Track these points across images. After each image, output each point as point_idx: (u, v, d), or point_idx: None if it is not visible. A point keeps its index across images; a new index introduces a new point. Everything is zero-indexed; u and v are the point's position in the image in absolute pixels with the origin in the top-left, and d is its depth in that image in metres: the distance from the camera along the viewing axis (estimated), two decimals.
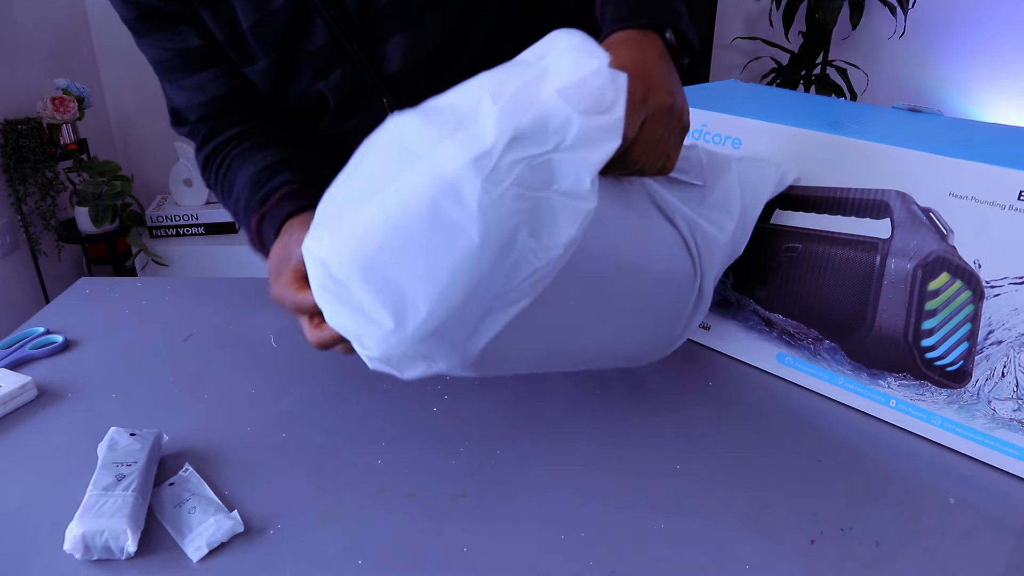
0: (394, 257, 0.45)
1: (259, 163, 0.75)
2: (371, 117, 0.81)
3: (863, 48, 2.62)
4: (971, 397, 0.65)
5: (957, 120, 0.75)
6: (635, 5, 0.57)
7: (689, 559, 0.55)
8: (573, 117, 0.43)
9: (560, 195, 0.44)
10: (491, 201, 0.42)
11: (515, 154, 0.43)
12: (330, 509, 0.60)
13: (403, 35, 0.76)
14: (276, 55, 0.75)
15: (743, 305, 0.80)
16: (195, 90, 0.77)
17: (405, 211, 0.44)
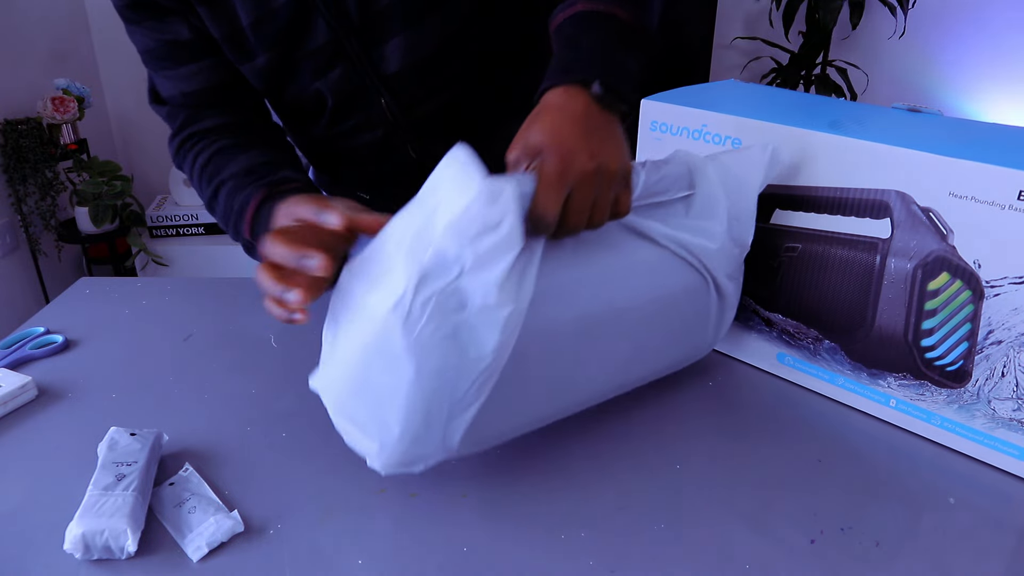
0: (359, 397, 0.54)
1: (256, 157, 0.75)
2: (369, 118, 0.81)
3: (863, 48, 2.62)
4: (971, 397, 0.65)
5: (957, 120, 0.75)
6: (562, 62, 0.58)
7: (689, 559, 0.55)
8: (464, 247, 0.48)
9: (475, 313, 0.50)
10: (414, 340, 0.49)
11: (425, 292, 0.49)
12: (330, 509, 0.60)
13: (402, 36, 0.75)
14: (276, 52, 0.75)
15: (743, 305, 0.79)
16: (179, 80, 0.77)
17: (355, 360, 0.53)
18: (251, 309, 0.91)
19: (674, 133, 0.79)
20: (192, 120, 0.79)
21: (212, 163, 0.76)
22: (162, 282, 1.03)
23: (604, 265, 0.61)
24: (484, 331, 0.50)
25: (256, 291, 0.56)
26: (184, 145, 0.79)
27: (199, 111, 0.79)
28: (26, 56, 2.22)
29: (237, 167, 0.74)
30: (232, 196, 0.73)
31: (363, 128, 0.82)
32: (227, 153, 0.76)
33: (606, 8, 0.61)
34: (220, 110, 0.79)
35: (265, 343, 0.84)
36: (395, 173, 0.88)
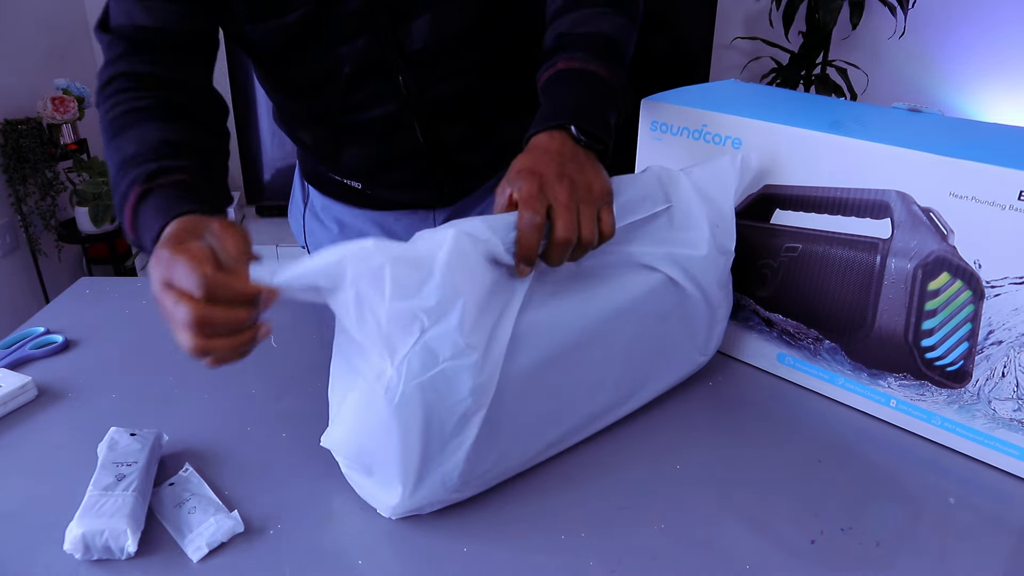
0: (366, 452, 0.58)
1: (164, 133, 0.68)
2: (383, 92, 0.81)
3: (863, 48, 2.62)
4: (971, 397, 0.65)
5: (957, 120, 0.75)
6: (545, 113, 0.65)
7: (689, 559, 0.55)
8: (416, 308, 0.53)
9: (447, 362, 0.54)
10: (396, 404, 0.53)
11: (397, 358, 0.53)
12: (330, 509, 0.60)
13: (430, 15, 0.76)
14: (309, 10, 0.73)
15: (743, 305, 0.79)
16: (140, 10, 0.71)
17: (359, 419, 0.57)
18: None
19: (674, 133, 0.79)
20: (128, 55, 0.72)
21: (123, 118, 0.69)
22: None
23: (593, 294, 0.63)
24: (458, 377, 0.54)
25: None
26: (112, 83, 0.72)
27: (142, 50, 0.72)
28: (26, 56, 2.22)
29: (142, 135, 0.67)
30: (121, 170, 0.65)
31: (375, 102, 0.82)
32: (142, 114, 0.69)
33: (586, 66, 0.68)
34: (161, 56, 0.72)
35: (265, 343, 0.84)
36: (398, 155, 0.88)
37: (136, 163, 0.64)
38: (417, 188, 0.95)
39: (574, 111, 0.64)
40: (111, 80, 0.72)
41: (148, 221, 0.60)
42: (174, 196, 0.61)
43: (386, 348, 0.53)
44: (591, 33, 0.71)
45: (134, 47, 0.72)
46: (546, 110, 0.66)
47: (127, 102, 0.70)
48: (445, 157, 0.89)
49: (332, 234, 1.02)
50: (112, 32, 0.73)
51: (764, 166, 0.73)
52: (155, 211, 0.60)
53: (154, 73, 0.72)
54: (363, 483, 0.60)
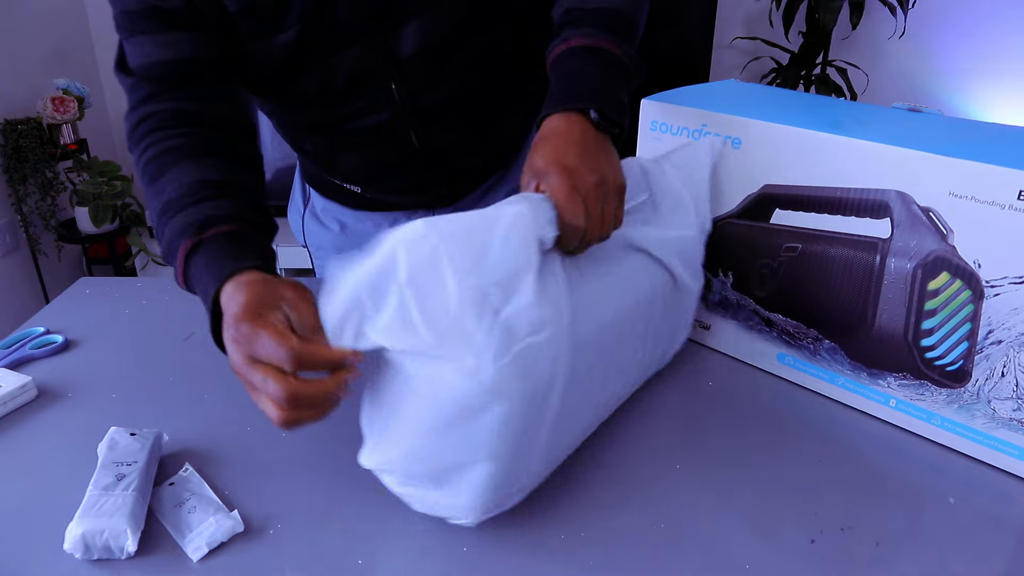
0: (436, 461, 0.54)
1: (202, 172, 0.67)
2: (376, 100, 0.81)
3: (863, 48, 2.62)
4: (971, 397, 0.65)
5: (957, 120, 0.75)
6: (561, 91, 0.65)
7: (689, 559, 0.55)
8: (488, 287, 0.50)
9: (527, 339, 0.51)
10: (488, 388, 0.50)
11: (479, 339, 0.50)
12: (330, 509, 0.60)
13: (420, 20, 0.76)
14: (302, 27, 0.73)
15: (743, 305, 0.80)
16: (156, 47, 0.71)
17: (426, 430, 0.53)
18: None
19: (674, 133, 0.79)
20: (156, 96, 0.71)
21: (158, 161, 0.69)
22: (162, 282, 1.03)
23: (612, 277, 0.64)
24: (539, 354, 0.52)
25: None
26: (141, 125, 0.72)
27: (167, 87, 0.72)
28: (26, 56, 2.22)
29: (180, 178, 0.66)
30: (163, 216, 0.65)
31: (369, 111, 0.82)
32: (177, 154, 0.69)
33: (598, 43, 0.67)
34: (189, 92, 0.72)
35: None
36: (395, 161, 0.88)
37: (177, 208, 0.64)
38: (416, 191, 0.95)
39: (591, 93, 0.63)
40: (140, 122, 0.71)
41: (203, 277, 0.59)
42: (227, 251, 0.60)
43: (461, 334, 0.49)
44: (601, 8, 0.70)
45: (159, 86, 0.71)
46: (561, 90, 0.65)
47: (160, 142, 0.69)
48: (442, 161, 0.89)
49: (333, 234, 1.02)
50: (133, 74, 0.72)
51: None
52: (209, 268, 0.59)
53: (182, 109, 0.71)
54: (428, 496, 0.57)
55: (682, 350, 0.84)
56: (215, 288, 0.57)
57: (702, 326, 0.85)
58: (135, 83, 0.72)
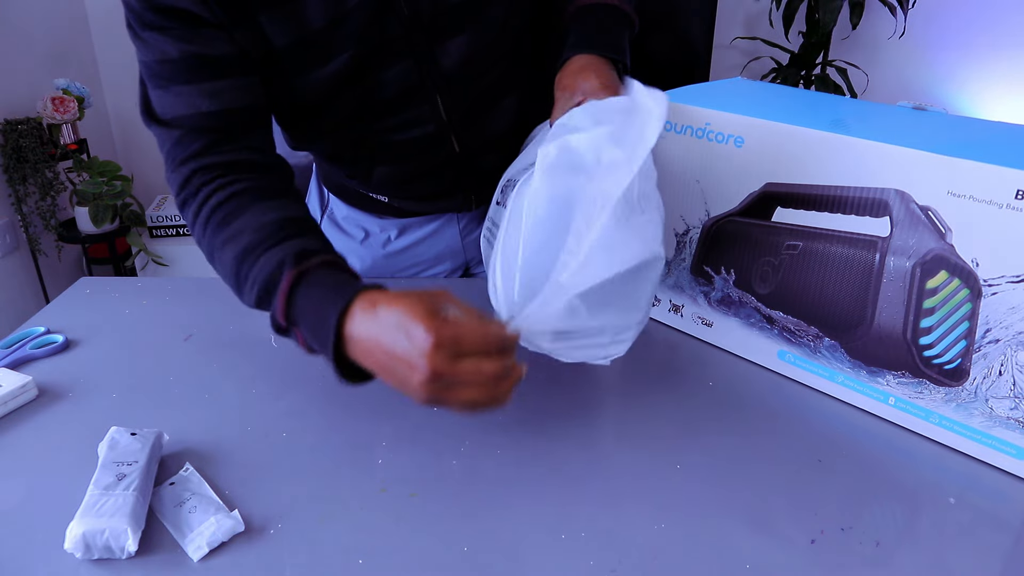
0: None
1: (276, 212, 0.65)
2: (422, 113, 0.81)
3: (863, 48, 2.62)
4: (969, 395, 0.65)
5: (956, 118, 0.75)
6: (587, 39, 0.77)
7: (689, 559, 0.56)
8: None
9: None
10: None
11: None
12: (330, 509, 0.60)
13: (466, 32, 0.77)
14: (353, 53, 0.73)
15: (745, 302, 0.80)
16: (203, 97, 0.67)
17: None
18: (251, 309, 0.91)
19: (678, 132, 0.79)
20: (212, 149, 0.68)
21: (225, 206, 0.66)
22: (162, 282, 1.03)
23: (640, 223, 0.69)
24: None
25: None
26: (194, 177, 0.68)
27: (221, 139, 0.68)
28: (26, 56, 2.22)
29: (259, 218, 0.64)
30: (248, 257, 0.63)
31: (414, 124, 0.82)
32: (247, 198, 0.67)
33: (622, 4, 0.81)
34: (243, 142, 0.69)
35: (265, 343, 0.84)
36: (433, 168, 0.88)
37: (264, 248, 0.62)
38: (443, 197, 0.95)
39: (616, 48, 0.76)
40: (194, 174, 0.68)
41: (319, 303, 0.58)
42: (337, 277, 0.60)
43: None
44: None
45: (210, 138, 0.68)
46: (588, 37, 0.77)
47: (222, 190, 0.67)
48: (473, 164, 0.89)
49: (355, 241, 1.02)
50: (173, 125, 0.68)
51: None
52: (326, 293, 0.58)
53: (238, 161, 0.69)
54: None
55: (682, 349, 0.84)
56: (340, 308, 0.55)
57: (704, 323, 0.85)
58: (182, 136, 0.68)
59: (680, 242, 0.84)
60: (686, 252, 0.84)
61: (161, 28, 0.67)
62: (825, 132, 0.68)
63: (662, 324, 0.89)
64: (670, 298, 0.87)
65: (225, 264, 0.65)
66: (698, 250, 0.82)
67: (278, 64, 0.72)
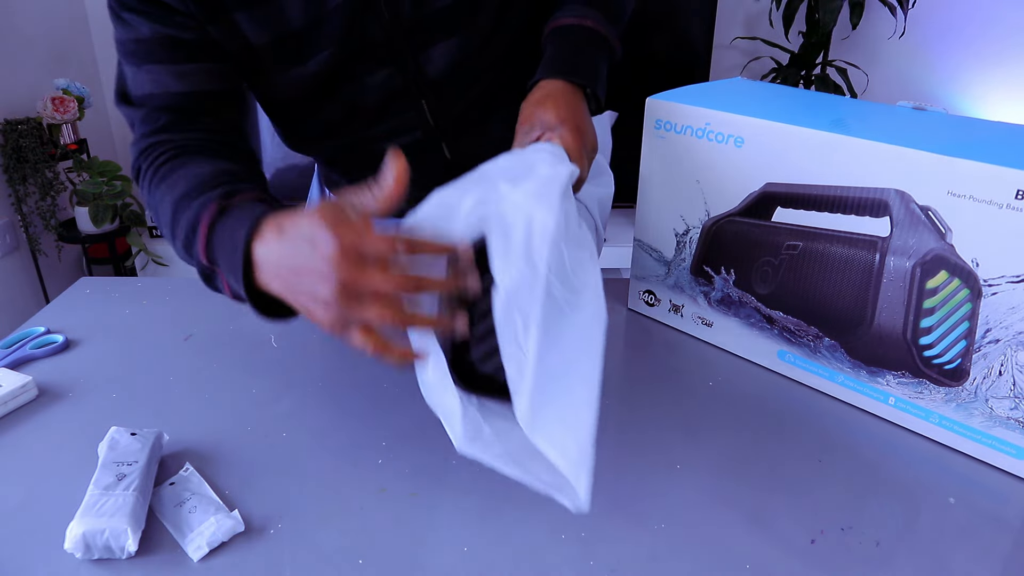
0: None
1: (217, 164, 0.67)
2: (407, 120, 0.80)
3: (863, 48, 2.62)
4: (969, 395, 0.65)
5: (956, 118, 0.75)
6: (563, 63, 0.72)
7: (689, 559, 0.56)
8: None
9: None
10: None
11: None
12: (330, 509, 0.60)
13: (450, 39, 0.76)
14: (330, 55, 0.73)
15: (745, 302, 0.80)
16: (171, 77, 0.69)
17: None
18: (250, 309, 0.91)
19: (678, 132, 0.79)
20: (174, 126, 0.70)
21: (167, 165, 0.68)
22: (162, 282, 1.03)
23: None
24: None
25: None
26: (153, 149, 0.70)
27: (185, 118, 0.71)
28: (26, 56, 2.22)
29: (195, 170, 0.65)
30: (180, 204, 0.63)
31: (401, 131, 0.81)
32: (188, 156, 0.68)
33: (599, 28, 0.76)
34: (203, 124, 0.71)
35: (265, 343, 0.84)
36: (425, 174, 0.88)
37: (197, 194, 0.61)
38: None
39: (592, 76, 0.72)
40: (151, 147, 0.70)
41: (232, 232, 0.55)
42: (258, 206, 0.57)
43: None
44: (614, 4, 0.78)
45: (173, 117, 0.70)
46: (564, 61, 0.72)
47: (168, 152, 0.68)
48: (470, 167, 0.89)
49: None
50: (141, 104, 0.70)
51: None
52: (240, 218, 0.55)
53: (194, 140, 0.70)
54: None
55: (682, 349, 0.84)
56: (246, 234, 0.53)
57: (704, 323, 0.85)
58: (147, 113, 0.70)
59: (680, 242, 0.84)
60: (686, 252, 0.84)
61: (139, 11, 0.69)
62: (825, 132, 0.68)
63: (662, 324, 0.89)
64: (670, 298, 0.87)
65: (163, 215, 0.64)
66: (698, 250, 0.82)
67: (258, 60, 0.73)
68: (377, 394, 0.75)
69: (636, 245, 0.89)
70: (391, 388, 0.75)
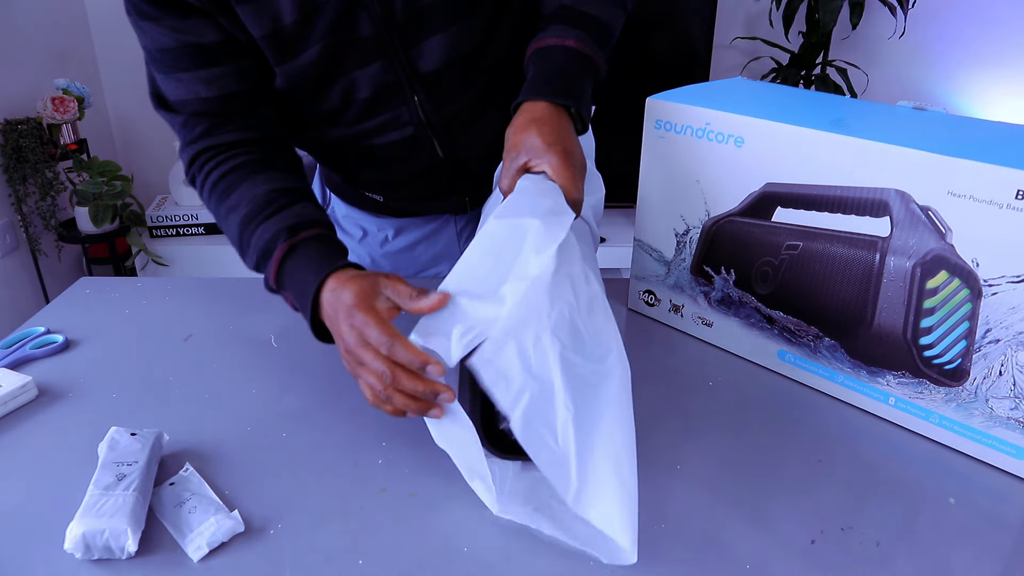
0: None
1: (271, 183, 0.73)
2: (399, 115, 0.81)
3: (863, 48, 2.62)
4: (969, 395, 0.65)
5: (956, 118, 0.75)
6: (548, 84, 0.72)
7: (689, 559, 0.55)
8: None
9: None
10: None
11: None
12: (330, 509, 0.60)
13: (443, 35, 0.77)
14: (320, 49, 0.74)
15: (745, 302, 0.80)
16: (199, 83, 0.73)
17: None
18: (251, 309, 0.91)
19: (678, 132, 0.79)
20: (213, 131, 0.75)
21: (225, 180, 0.74)
22: (162, 282, 1.03)
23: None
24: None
25: (257, 291, 0.57)
26: (200, 157, 0.76)
27: (221, 121, 0.75)
28: (26, 56, 2.22)
29: (253, 191, 0.72)
30: (248, 227, 0.71)
31: (392, 126, 0.82)
32: (243, 171, 0.74)
33: (585, 49, 0.75)
34: (241, 122, 0.76)
35: (265, 343, 0.84)
36: (419, 171, 0.88)
37: (262, 218, 0.70)
38: (437, 198, 0.95)
39: (578, 97, 0.72)
40: (198, 155, 0.76)
41: (302, 276, 0.67)
42: (321, 253, 0.68)
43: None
44: (593, 16, 0.77)
45: (214, 121, 0.75)
46: (551, 84, 0.72)
47: (222, 164, 0.74)
48: (465, 168, 0.89)
49: (354, 240, 1.03)
50: (178, 110, 0.75)
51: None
52: (308, 267, 0.67)
53: (238, 139, 0.75)
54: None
55: (682, 349, 0.84)
56: (317, 284, 0.64)
57: (704, 323, 0.85)
58: (186, 120, 0.75)
59: (680, 242, 0.84)
60: (686, 252, 0.84)
61: (156, 18, 0.71)
62: (825, 132, 0.68)
63: (662, 324, 0.89)
64: (670, 298, 0.87)
65: (231, 232, 0.74)
66: (698, 250, 0.82)
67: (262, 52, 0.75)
68: None
69: (636, 245, 0.89)
70: None
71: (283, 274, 0.69)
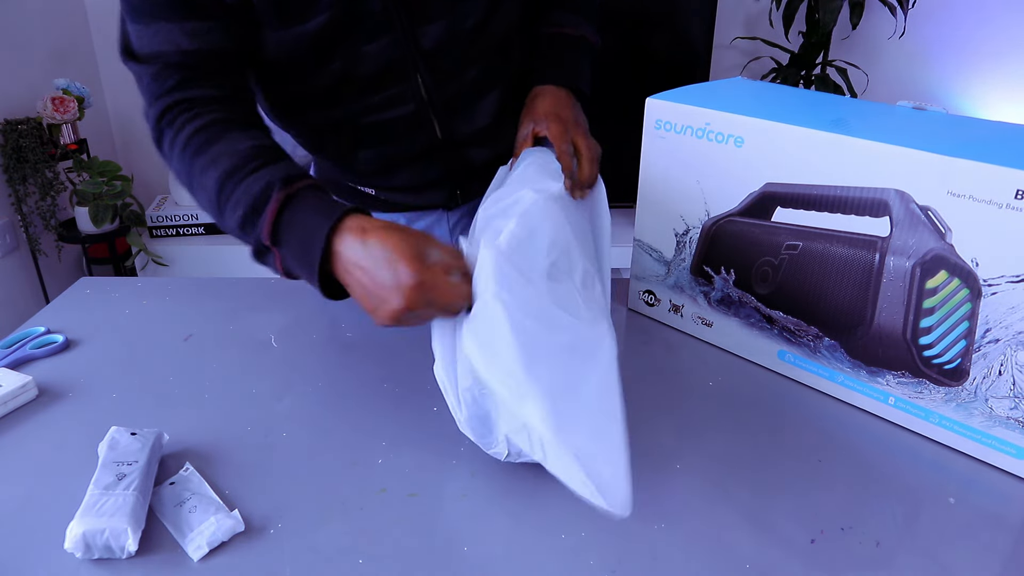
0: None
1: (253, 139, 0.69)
2: (402, 92, 0.82)
3: (863, 48, 2.62)
4: (968, 395, 0.65)
5: (956, 118, 0.75)
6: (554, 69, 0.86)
7: (689, 559, 0.56)
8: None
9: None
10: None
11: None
12: (330, 509, 0.60)
13: (449, 14, 0.78)
14: (331, 15, 0.73)
15: (745, 302, 0.80)
16: (182, 35, 0.69)
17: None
18: (251, 309, 0.91)
19: (678, 132, 0.79)
20: (187, 84, 0.71)
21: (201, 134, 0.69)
22: (162, 282, 1.03)
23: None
24: None
25: (256, 291, 0.57)
26: (172, 109, 0.71)
27: (196, 75, 0.71)
28: (26, 56, 2.22)
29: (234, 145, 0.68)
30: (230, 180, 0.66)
31: (395, 103, 0.82)
32: (222, 126, 0.70)
33: (583, 34, 0.89)
34: (217, 80, 0.72)
35: (265, 343, 0.84)
36: (416, 153, 0.88)
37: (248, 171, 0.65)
38: (430, 189, 0.95)
39: (576, 76, 0.86)
40: (169, 108, 0.71)
41: (307, 221, 0.62)
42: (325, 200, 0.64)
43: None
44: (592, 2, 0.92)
45: (188, 74, 0.71)
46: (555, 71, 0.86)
47: (198, 118, 0.70)
48: (459, 153, 0.89)
49: None
50: (151, 61, 0.71)
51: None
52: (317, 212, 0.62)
53: (214, 96, 0.72)
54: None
55: (682, 349, 0.84)
56: (331, 226, 0.60)
57: (704, 323, 0.85)
58: (159, 71, 0.71)
59: (680, 242, 0.84)
60: (686, 252, 0.84)
61: None
62: (825, 132, 0.68)
63: (662, 324, 0.89)
64: (670, 298, 0.87)
65: (207, 187, 0.67)
66: (698, 250, 0.82)
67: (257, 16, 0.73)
68: (377, 394, 0.75)
69: (636, 245, 0.89)
70: (391, 388, 0.75)
71: (280, 225, 0.63)
